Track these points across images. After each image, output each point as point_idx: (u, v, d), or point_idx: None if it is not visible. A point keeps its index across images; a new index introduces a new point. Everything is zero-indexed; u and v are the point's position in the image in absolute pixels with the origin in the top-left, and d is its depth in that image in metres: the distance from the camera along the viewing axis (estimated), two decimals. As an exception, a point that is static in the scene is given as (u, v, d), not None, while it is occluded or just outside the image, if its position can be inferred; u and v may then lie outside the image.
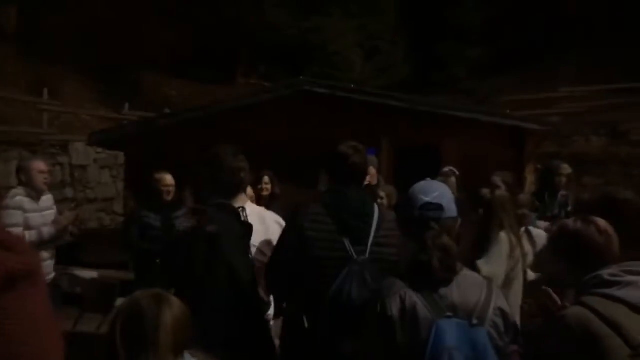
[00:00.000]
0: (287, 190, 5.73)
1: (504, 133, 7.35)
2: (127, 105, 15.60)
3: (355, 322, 2.14)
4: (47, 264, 4.53)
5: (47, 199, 4.79)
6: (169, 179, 5.27)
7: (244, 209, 2.68)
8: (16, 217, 4.36)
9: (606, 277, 1.90)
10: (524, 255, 3.30)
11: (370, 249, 2.43)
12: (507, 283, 3.16)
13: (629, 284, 1.87)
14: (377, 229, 2.47)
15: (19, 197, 4.46)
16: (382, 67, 18.60)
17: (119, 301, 4.57)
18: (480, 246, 3.12)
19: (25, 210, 4.43)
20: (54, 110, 13.23)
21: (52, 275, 4.72)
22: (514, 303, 3.07)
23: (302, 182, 5.12)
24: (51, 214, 4.75)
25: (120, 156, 10.48)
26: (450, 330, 1.75)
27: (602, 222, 2.03)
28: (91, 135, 8.97)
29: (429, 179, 2.16)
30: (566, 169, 5.70)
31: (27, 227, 4.40)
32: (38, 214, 4.55)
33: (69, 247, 6.46)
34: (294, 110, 7.61)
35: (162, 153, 7.54)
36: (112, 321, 1.65)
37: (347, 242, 2.42)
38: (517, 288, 3.25)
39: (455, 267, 1.89)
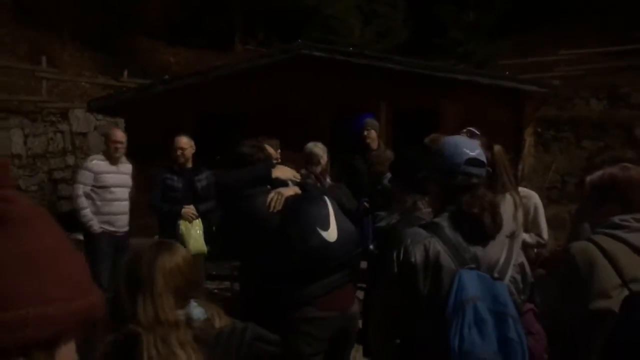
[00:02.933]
0: (287, 155, 5.77)
1: (503, 95, 7.34)
2: (125, 72, 15.52)
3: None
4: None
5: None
6: (182, 141, 5.36)
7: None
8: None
9: (617, 221, 2.08)
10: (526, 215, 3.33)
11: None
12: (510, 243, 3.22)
13: (636, 229, 2.05)
14: None
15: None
16: (381, 31, 18.36)
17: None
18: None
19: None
20: (52, 78, 13.18)
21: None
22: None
23: (300, 146, 5.15)
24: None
25: (121, 123, 10.49)
26: (473, 281, 1.76)
27: (635, 167, 2.18)
28: (91, 102, 8.98)
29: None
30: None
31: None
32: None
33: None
34: (292, 75, 7.60)
35: (162, 118, 7.58)
36: (119, 267, 1.73)
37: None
38: (517, 247, 3.30)
39: (502, 225, 1.90)
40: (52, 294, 0.72)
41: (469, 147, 1.95)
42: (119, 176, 5.33)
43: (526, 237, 3.26)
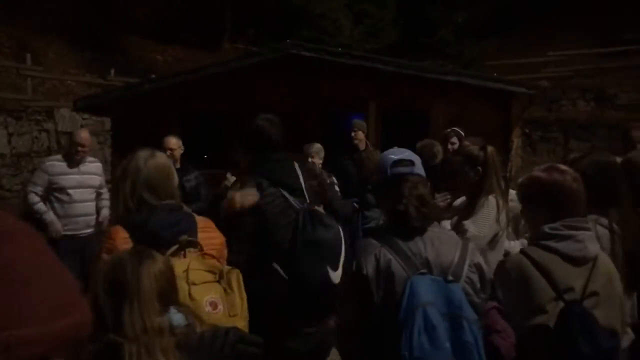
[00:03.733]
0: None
1: (491, 97, 7.34)
2: (112, 71, 15.38)
3: (333, 254, 2.58)
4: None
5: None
6: (171, 142, 5.33)
7: None
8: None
9: (547, 230, 2.08)
10: (509, 219, 3.32)
11: (307, 197, 2.80)
12: (492, 245, 3.20)
13: (566, 237, 2.05)
14: (305, 180, 2.86)
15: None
16: (370, 31, 18.39)
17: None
18: (470, 206, 3.12)
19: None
20: (38, 76, 13.02)
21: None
22: (494, 262, 3.12)
23: (289, 146, 5.11)
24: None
25: (107, 122, 10.38)
26: (425, 286, 1.76)
27: (573, 171, 2.16)
28: (77, 101, 8.86)
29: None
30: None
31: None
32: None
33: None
34: (281, 75, 7.55)
35: (149, 118, 7.49)
36: (95, 276, 1.67)
37: (291, 198, 2.74)
38: (500, 249, 3.29)
39: (430, 216, 1.93)
40: (36, 315, 0.68)
41: (395, 153, 2.09)
42: (78, 177, 5.17)
43: (517, 244, 3.22)
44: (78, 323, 0.74)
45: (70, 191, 5.10)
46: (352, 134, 5.98)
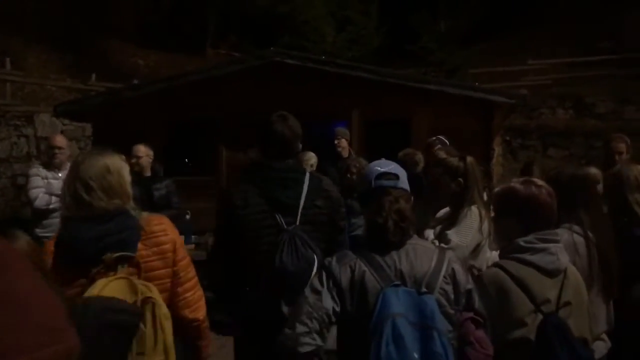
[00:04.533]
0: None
1: (473, 105, 7.42)
2: (93, 75, 15.23)
3: (289, 286, 2.38)
4: None
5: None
6: (139, 150, 5.23)
7: None
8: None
9: (522, 243, 2.12)
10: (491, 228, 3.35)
11: (300, 218, 2.52)
12: (474, 254, 3.22)
13: (540, 250, 2.10)
14: (307, 197, 2.55)
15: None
16: (353, 38, 18.47)
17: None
18: (453, 217, 3.14)
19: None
20: (17, 80, 12.85)
21: None
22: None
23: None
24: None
25: (88, 128, 10.28)
26: (396, 298, 1.78)
27: (547, 186, 2.21)
28: (57, 107, 8.76)
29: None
30: None
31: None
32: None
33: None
34: (264, 82, 7.55)
35: (130, 124, 7.44)
36: None
37: (278, 215, 2.50)
38: (482, 258, 3.32)
39: (408, 231, 1.94)
40: (31, 342, 0.69)
41: (382, 165, 2.09)
42: (60, 183, 5.00)
43: (496, 255, 3.24)
44: (69, 347, 0.74)
45: (53, 198, 5.03)
46: (335, 142, 6.00)
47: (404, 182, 2.06)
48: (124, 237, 1.95)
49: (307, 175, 2.64)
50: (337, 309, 1.86)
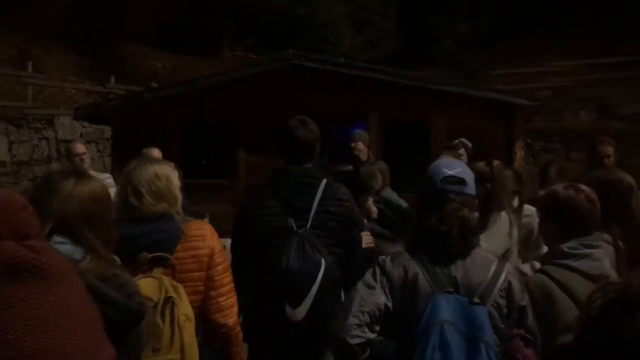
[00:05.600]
0: (276, 164, 5.68)
1: (494, 108, 7.29)
2: (112, 78, 15.35)
3: (294, 288, 2.42)
4: None
5: None
6: (154, 153, 5.21)
7: None
8: None
9: (566, 249, 2.13)
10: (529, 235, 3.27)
11: (312, 222, 2.55)
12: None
13: (585, 256, 2.11)
14: (321, 203, 2.58)
15: None
16: (372, 40, 18.40)
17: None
18: (482, 222, 3.07)
19: None
20: (38, 84, 12.99)
21: None
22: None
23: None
24: None
25: (107, 130, 10.33)
26: (447, 305, 1.75)
27: (590, 191, 2.20)
28: (77, 110, 8.82)
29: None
30: None
31: None
32: None
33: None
34: (282, 85, 7.51)
35: (149, 127, 7.44)
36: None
37: (290, 219, 2.55)
38: (507, 269, 3.22)
39: (473, 242, 1.90)
40: (90, 347, 0.75)
41: (448, 166, 1.97)
42: None
43: (526, 268, 3.14)
44: (112, 355, 0.82)
45: None
46: (352, 145, 5.90)
47: (471, 188, 1.95)
48: (162, 238, 2.07)
49: (324, 181, 2.67)
50: (390, 305, 1.84)
